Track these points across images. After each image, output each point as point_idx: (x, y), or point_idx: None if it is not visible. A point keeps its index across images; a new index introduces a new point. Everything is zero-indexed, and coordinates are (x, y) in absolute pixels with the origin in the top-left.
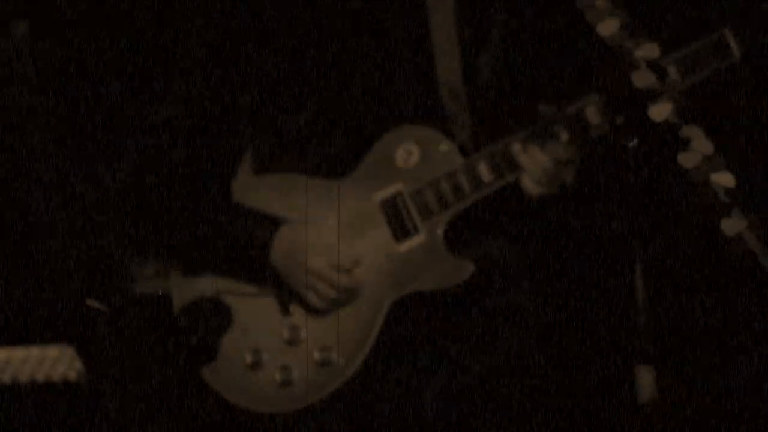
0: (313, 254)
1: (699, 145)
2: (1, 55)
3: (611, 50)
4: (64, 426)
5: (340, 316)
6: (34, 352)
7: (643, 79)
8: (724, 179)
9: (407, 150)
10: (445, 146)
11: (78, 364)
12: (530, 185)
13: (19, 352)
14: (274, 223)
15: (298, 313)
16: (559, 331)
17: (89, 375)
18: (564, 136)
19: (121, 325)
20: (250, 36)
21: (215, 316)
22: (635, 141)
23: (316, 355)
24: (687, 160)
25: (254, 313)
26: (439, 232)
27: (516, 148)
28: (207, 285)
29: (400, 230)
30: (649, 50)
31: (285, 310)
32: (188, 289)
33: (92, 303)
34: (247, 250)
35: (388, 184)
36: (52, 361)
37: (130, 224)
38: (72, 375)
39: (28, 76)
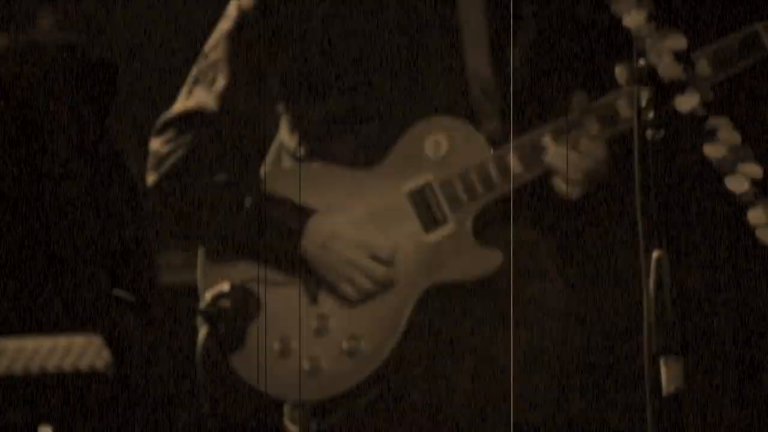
0: (350, 245)
1: (726, 136)
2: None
3: (638, 41)
4: (91, 415)
5: (369, 306)
6: (62, 341)
7: (669, 70)
8: (752, 170)
9: (436, 140)
10: (474, 137)
11: (105, 354)
12: (562, 184)
13: (46, 342)
14: (304, 213)
15: (326, 303)
16: (586, 320)
17: (116, 365)
18: (594, 128)
19: (148, 315)
20: (282, 25)
21: (243, 304)
22: (661, 132)
23: (344, 345)
24: (713, 150)
25: (283, 302)
26: (468, 222)
27: (546, 139)
28: (235, 273)
29: (429, 221)
30: (675, 41)
31: (313, 299)
32: (216, 278)
33: (119, 293)
34: (278, 239)
35: (417, 175)
36: (80, 351)
37: (160, 212)
38: (99, 364)
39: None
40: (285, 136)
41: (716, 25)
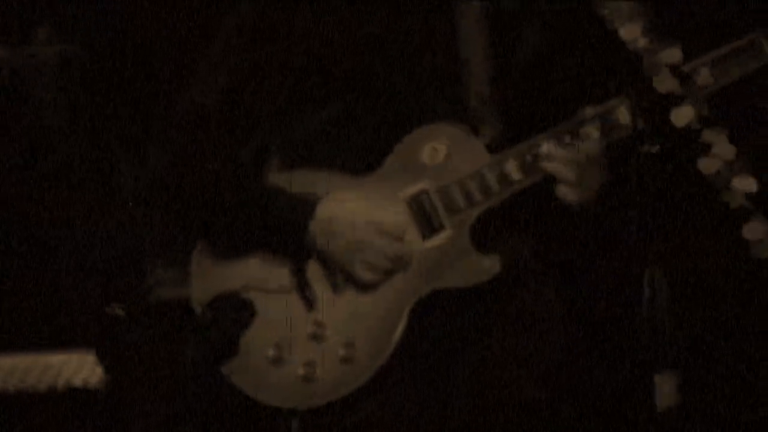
0: (359, 225)
1: (720, 150)
2: (26, 60)
3: (634, 54)
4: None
5: (364, 313)
6: (56, 358)
7: (665, 83)
8: (746, 184)
9: (434, 147)
10: (472, 144)
11: (99, 371)
12: (565, 190)
13: (40, 359)
14: (310, 201)
15: (322, 309)
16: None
17: (110, 381)
18: (594, 134)
19: (142, 331)
20: (280, 30)
21: (237, 311)
22: (656, 146)
23: (341, 352)
24: (707, 165)
25: (277, 308)
26: (466, 229)
27: (545, 146)
28: (229, 280)
29: (427, 227)
30: (671, 55)
31: (309, 305)
32: (209, 284)
33: (113, 308)
34: (284, 230)
35: (414, 182)
36: (74, 368)
37: (159, 220)
38: (93, 381)
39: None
40: (281, 141)
41: (716, 35)
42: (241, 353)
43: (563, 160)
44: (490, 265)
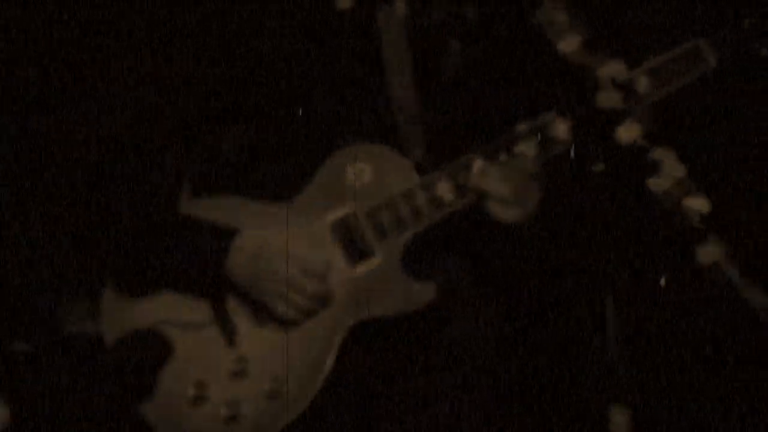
0: (280, 260)
1: (670, 168)
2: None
3: (574, 68)
4: None
5: (290, 345)
6: None
7: (608, 98)
8: (698, 204)
9: (359, 168)
10: (399, 164)
11: (2, 411)
12: (497, 208)
13: None
14: (228, 232)
15: (245, 343)
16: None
17: (14, 421)
18: (530, 151)
19: (49, 368)
20: (189, 49)
21: (152, 348)
22: (601, 165)
23: (266, 387)
24: (657, 184)
25: (196, 344)
26: (397, 254)
27: (478, 164)
28: (143, 315)
29: (355, 253)
30: (614, 68)
31: (230, 340)
32: (122, 321)
33: (18, 346)
34: (199, 261)
35: (339, 205)
36: None
37: (65, 249)
38: None
39: None
40: (195, 166)
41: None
42: (158, 393)
43: (497, 177)
44: (423, 291)
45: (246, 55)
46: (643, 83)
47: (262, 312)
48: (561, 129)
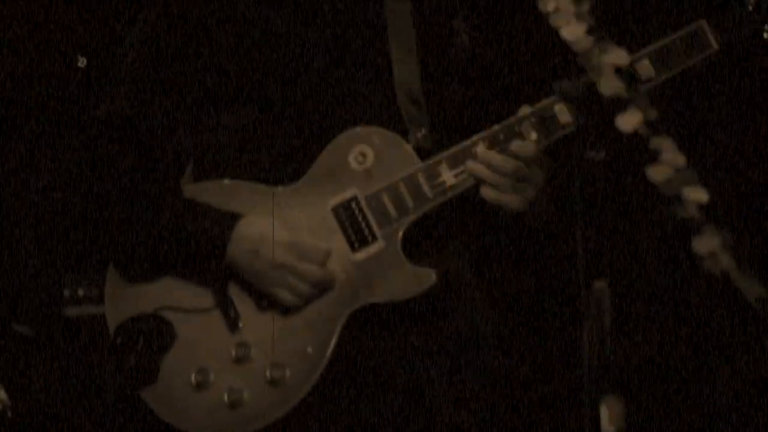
0: (280, 248)
1: (670, 158)
2: None
3: (577, 55)
4: None
5: (292, 332)
6: None
7: (610, 86)
8: (697, 194)
9: (361, 152)
10: (402, 148)
11: (2, 394)
12: (496, 194)
13: None
14: (231, 217)
15: (247, 330)
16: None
17: (15, 405)
18: (532, 134)
19: (50, 351)
20: (195, 31)
21: (155, 334)
22: (602, 153)
23: (268, 373)
24: (656, 173)
25: (199, 330)
26: (399, 239)
27: (479, 148)
28: (146, 300)
29: (357, 238)
30: (617, 56)
31: (233, 326)
32: (125, 306)
33: (18, 328)
34: (202, 248)
35: (341, 189)
36: None
37: (67, 233)
38: None
39: None
40: (197, 149)
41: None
42: (161, 378)
43: (499, 162)
44: (424, 277)
45: (249, 37)
46: (644, 66)
47: (263, 298)
48: (564, 113)
